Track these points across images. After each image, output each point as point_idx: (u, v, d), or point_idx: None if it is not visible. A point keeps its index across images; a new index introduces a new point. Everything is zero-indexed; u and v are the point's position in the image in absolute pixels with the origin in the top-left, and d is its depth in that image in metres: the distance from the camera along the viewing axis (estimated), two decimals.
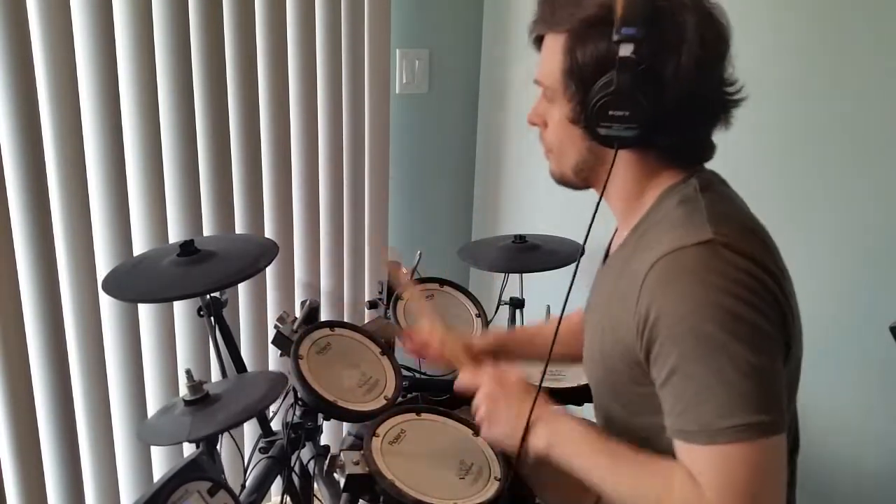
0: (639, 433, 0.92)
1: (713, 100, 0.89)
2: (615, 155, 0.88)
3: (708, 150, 0.93)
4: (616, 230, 1.06)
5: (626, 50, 0.81)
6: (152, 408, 1.72)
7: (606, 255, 1.08)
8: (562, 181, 0.99)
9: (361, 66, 1.96)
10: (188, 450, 1.60)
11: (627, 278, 0.86)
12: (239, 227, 1.82)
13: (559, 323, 0.98)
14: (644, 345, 0.84)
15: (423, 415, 1.21)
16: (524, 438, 0.93)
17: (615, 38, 0.81)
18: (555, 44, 0.89)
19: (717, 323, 0.77)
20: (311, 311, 1.39)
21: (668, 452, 0.85)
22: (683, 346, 0.79)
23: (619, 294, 0.87)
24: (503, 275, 1.84)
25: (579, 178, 0.97)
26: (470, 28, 2.20)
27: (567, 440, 0.93)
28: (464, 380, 1.03)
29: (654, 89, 0.83)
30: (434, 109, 2.19)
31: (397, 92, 2.09)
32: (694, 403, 0.79)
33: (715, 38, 0.86)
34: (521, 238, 1.79)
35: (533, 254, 1.78)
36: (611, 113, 0.84)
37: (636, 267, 0.84)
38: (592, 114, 0.85)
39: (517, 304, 1.80)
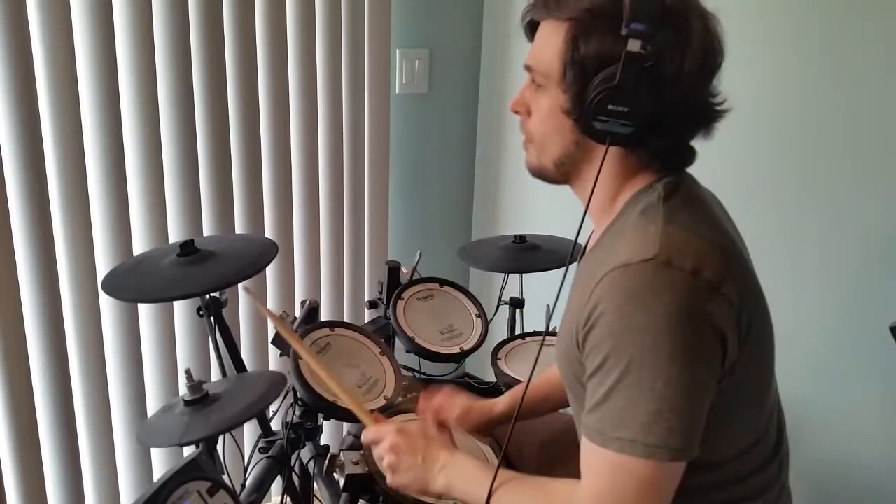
0: None
1: (704, 107, 0.88)
2: (606, 150, 0.87)
3: (689, 157, 0.93)
4: (592, 231, 1.06)
5: (633, 45, 0.81)
6: (152, 408, 1.73)
7: (583, 256, 1.08)
8: (539, 173, 0.98)
9: (361, 66, 1.96)
10: (188, 449, 1.60)
11: (589, 284, 0.85)
12: (239, 227, 1.82)
13: (528, 382, 0.99)
14: (582, 342, 0.85)
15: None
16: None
17: (623, 31, 0.81)
18: (555, 31, 0.88)
19: (640, 345, 0.78)
20: (311, 311, 1.39)
21: None
22: (607, 354, 0.80)
23: (580, 299, 0.87)
24: (503, 275, 1.84)
25: (559, 172, 0.95)
26: (470, 28, 2.20)
27: (459, 476, 0.97)
28: (369, 434, 1.05)
29: (654, 88, 0.82)
30: (434, 109, 2.19)
31: (397, 92, 2.09)
32: (601, 405, 0.81)
33: (715, 47, 0.86)
34: (521, 238, 1.79)
35: (533, 254, 1.78)
36: (609, 107, 0.83)
37: (597, 273, 0.84)
38: (589, 106, 0.84)
39: (517, 304, 1.80)
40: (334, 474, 1.13)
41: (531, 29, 0.95)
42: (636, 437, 0.78)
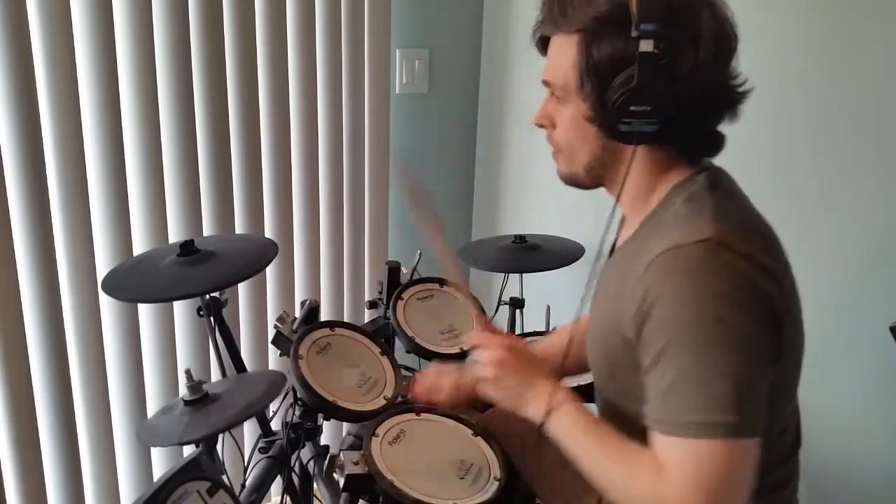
0: (626, 417, 0.94)
1: (725, 93, 0.89)
2: (634, 151, 0.88)
3: (718, 144, 0.94)
4: (620, 225, 1.06)
5: (646, 45, 0.81)
6: (152, 408, 1.73)
7: (612, 250, 1.08)
8: (572, 181, 0.99)
9: (361, 66, 1.96)
10: (188, 449, 1.60)
11: (633, 270, 0.86)
12: (239, 227, 1.82)
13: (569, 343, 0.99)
14: (635, 329, 0.85)
15: (423, 415, 1.21)
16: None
17: (634, 34, 0.82)
18: (566, 43, 0.89)
19: (703, 323, 0.79)
20: (311, 311, 1.39)
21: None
22: (669, 338, 0.81)
23: (625, 285, 0.88)
24: (503, 275, 1.84)
25: (591, 178, 0.97)
26: (470, 28, 2.20)
27: (563, 417, 0.94)
28: (476, 338, 1.04)
29: (672, 83, 0.83)
30: (434, 109, 2.19)
31: (397, 92, 2.09)
32: (668, 394, 0.81)
33: (727, 31, 0.87)
34: (521, 238, 1.79)
35: (533, 254, 1.78)
36: (632, 108, 0.84)
37: (642, 259, 0.85)
38: (612, 111, 0.85)
39: (517, 304, 1.80)
40: (334, 474, 1.13)
41: (543, 45, 0.96)
42: (712, 418, 0.78)
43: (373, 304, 1.70)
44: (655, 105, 0.83)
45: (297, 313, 1.40)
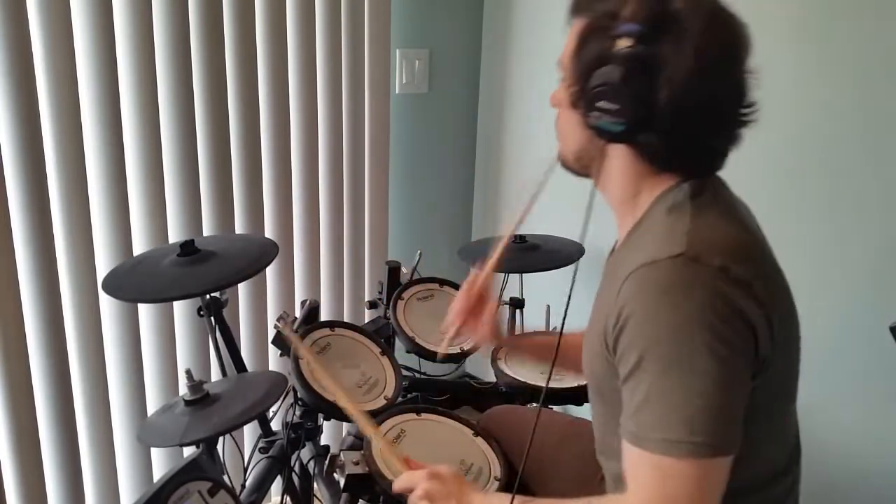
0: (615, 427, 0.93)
1: (716, 112, 0.87)
2: (603, 147, 0.89)
3: (711, 161, 0.92)
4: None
5: (624, 44, 0.82)
6: (152, 408, 1.72)
7: (611, 255, 1.08)
8: (564, 165, 1.01)
9: (361, 66, 1.96)
10: (188, 449, 1.60)
11: (616, 282, 0.86)
12: (239, 227, 1.82)
13: (558, 343, 0.98)
14: (613, 342, 0.85)
15: (423, 415, 1.21)
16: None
17: (616, 31, 0.82)
18: (575, 29, 0.90)
19: (672, 342, 0.78)
20: (311, 311, 1.39)
21: None
22: (641, 354, 0.80)
23: (609, 297, 0.88)
24: (503, 275, 1.84)
25: (579, 165, 0.98)
26: (470, 28, 2.20)
27: None
28: (401, 482, 1.02)
29: (645, 88, 0.82)
30: (434, 109, 2.19)
31: (397, 92, 2.09)
32: (640, 407, 0.81)
33: (720, 49, 0.84)
34: (521, 238, 1.79)
35: (533, 254, 1.78)
36: (599, 104, 0.85)
37: (624, 270, 0.85)
38: (586, 102, 0.86)
39: (517, 304, 1.80)
40: (334, 474, 1.13)
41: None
42: (681, 436, 0.78)
43: (373, 304, 1.70)
44: (624, 105, 0.83)
45: (297, 313, 1.40)
